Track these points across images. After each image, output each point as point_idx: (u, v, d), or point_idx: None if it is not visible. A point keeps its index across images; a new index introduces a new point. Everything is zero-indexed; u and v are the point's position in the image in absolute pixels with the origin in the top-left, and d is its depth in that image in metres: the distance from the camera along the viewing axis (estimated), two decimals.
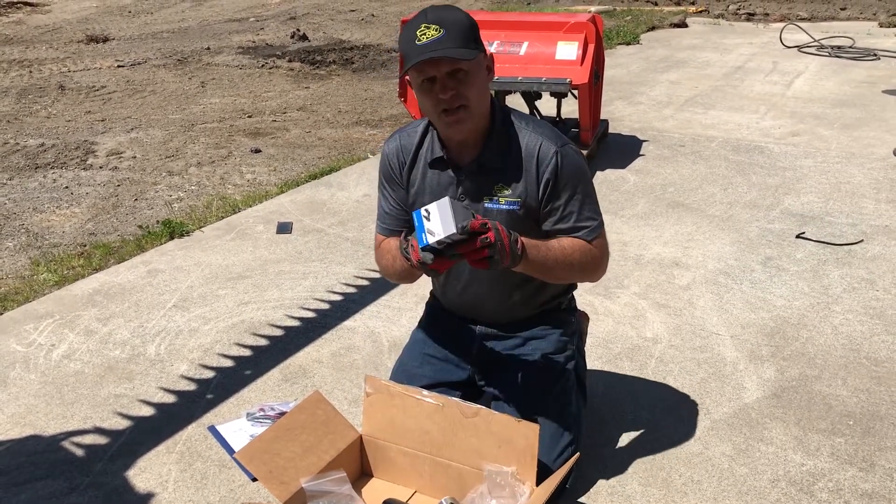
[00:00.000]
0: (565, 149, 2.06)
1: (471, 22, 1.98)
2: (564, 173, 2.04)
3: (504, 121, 2.10)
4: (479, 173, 2.08)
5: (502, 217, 2.07)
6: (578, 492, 2.25)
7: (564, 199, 2.06)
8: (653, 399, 2.69)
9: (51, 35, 9.95)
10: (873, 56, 8.07)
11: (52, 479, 2.34)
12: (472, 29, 1.98)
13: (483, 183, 2.08)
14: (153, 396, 2.74)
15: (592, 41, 4.68)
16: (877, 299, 3.32)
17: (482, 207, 2.09)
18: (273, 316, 3.25)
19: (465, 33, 1.95)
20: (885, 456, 2.40)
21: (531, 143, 2.06)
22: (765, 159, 5.08)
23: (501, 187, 2.07)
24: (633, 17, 10.50)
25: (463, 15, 1.99)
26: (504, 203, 2.07)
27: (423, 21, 1.94)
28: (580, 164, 2.09)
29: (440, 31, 1.91)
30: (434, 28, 1.91)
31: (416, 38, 1.92)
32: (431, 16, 1.94)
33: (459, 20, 1.96)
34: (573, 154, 2.08)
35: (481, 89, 2.01)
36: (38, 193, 4.76)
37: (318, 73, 7.99)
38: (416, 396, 2.16)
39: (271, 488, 2.04)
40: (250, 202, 4.50)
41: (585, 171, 2.11)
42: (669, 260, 3.70)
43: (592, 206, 2.10)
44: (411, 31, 1.94)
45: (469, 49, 1.94)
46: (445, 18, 1.94)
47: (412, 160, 2.16)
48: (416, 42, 1.92)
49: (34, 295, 3.46)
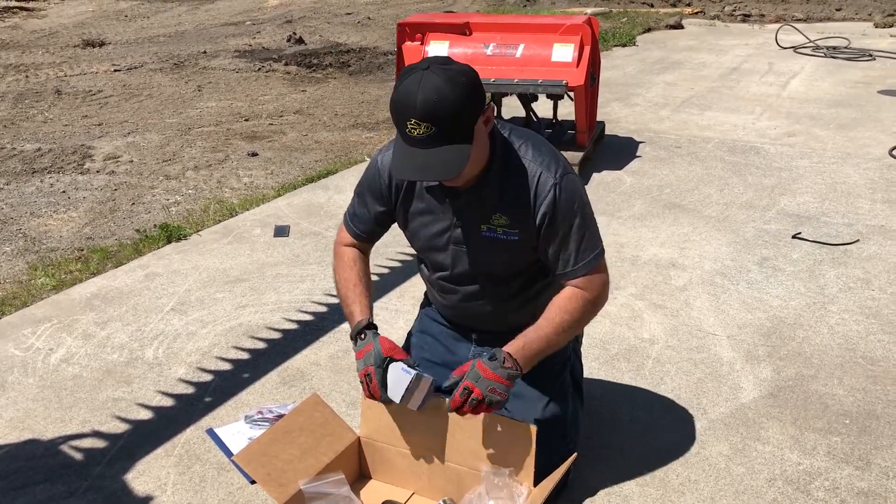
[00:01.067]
0: (565, 179, 1.99)
1: (462, 103, 1.82)
2: (562, 207, 1.98)
3: (504, 150, 2.01)
4: (477, 202, 2.04)
5: (500, 245, 2.06)
6: (576, 492, 2.25)
7: (561, 234, 2.01)
8: (650, 399, 2.69)
9: (47, 40, 9.96)
10: (869, 56, 8.10)
11: (50, 483, 2.34)
12: (464, 113, 1.83)
13: (480, 211, 2.05)
14: (151, 400, 2.74)
15: (588, 43, 4.70)
16: (872, 299, 3.34)
17: (480, 235, 2.07)
18: (271, 319, 3.26)
19: (457, 123, 1.82)
20: (881, 454, 2.41)
21: (530, 172, 1.99)
22: (761, 160, 5.09)
23: (499, 217, 2.03)
24: (629, 18, 10.52)
25: (454, 98, 1.80)
26: (501, 233, 2.04)
27: (412, 114, 1.79)
28: (578, 196, 2.02)
29: (430, 129, 1.79)
30: (424, 126, 1.79)
31: (406, 126, 1.81)
32: (421, 108, 1.78)
33: (451, 111, 1.80)
34: (571, 186, 2.01)
35: (476, 159, 1.92)
36: (35, 198, 4.76)
37: (315, 76, 8.00)
38: None
39: (270, 491, 2.04)
40: (247, 206, 4.50)
41: (584, 203, 2.04)
42: (666, 261, 3.71)
43: (591, 239, 2.04)
44: (401, 115, 1.82)
45: (460, 147, 1.83)
46: (435, 114, 1.78)
47: (409, 183, 2.11)
48: (406, 131, 1.82)
49: (32, 299, 3.46)
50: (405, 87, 1.81)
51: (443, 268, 2.19)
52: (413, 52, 4.90)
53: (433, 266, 2.23)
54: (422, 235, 2.15)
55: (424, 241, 2.16)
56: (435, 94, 1.78)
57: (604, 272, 2.08)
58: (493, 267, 2.13)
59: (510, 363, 1.96)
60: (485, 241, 2.07)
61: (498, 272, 2.14)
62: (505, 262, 2.11)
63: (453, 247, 2.12)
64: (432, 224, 2.11)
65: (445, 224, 2.09)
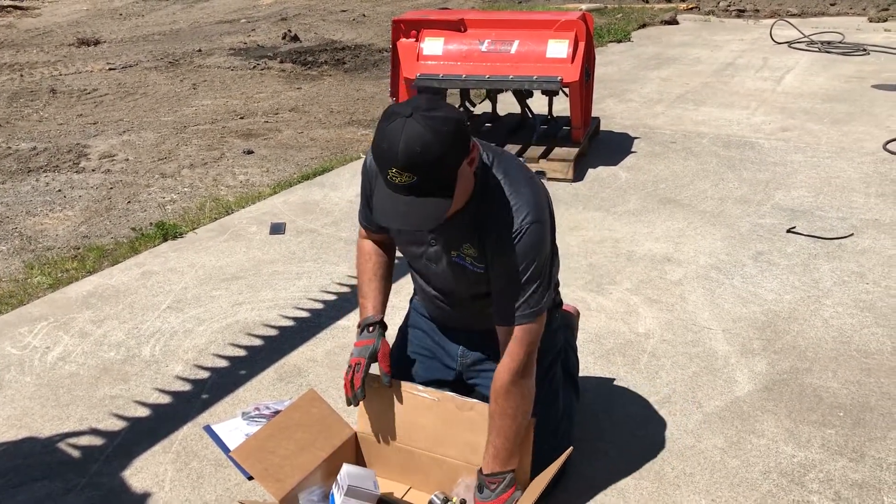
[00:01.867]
0: (529, 228, 1.93)
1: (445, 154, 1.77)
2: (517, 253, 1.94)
3: (484, 186, 1.96)
4: (451, 229, 2.00)
5: (468, 273, 2.05)
6: (572, 486, 2.27)
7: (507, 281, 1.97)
8: (645, 393, 2.71)
9: (41, 38, 9.94)
10: (863, 51, 8.12)
11: (48, 481, 2.35)
12: (446, 165, 1.79)
13: (453, 238, 2.03)
14: (148, 397, 2.75)
15: (583, 39, 4.70)
16: (867, 292, 3.35)
17: (449, 259, 2.06)
18: (267, 316, 3.26)
19: (439, 178, 1.79)
20: (874, 446, 2.42)
21: (503, 213, 1.94)
22: (755, 155, 5.11)
23: (469, 247, 2.02)
24: (623, 14, 10.53)
25: (437, 149, 1.75)
26: (469, 262, 2.04)
27: (394, 163, 1.75)
28: (536, 246, 1.95)
29: (412, 179, 1.76)
30: (406, 176, 1.76)
31: (388, 174, 1.78)
32: (403, 159, 1.74)
33: (433, 163, 1.76)
34: (532, 236, 1.94)
35: (460, 198, 1.89)
36: (30, 197, 4.76)
37: (310, 73, 8.00)
38: (411, 392, 2.18)
39: (267, 486, 2.05)
40: (243, 203, 4.51)
41: (540, 252, 1.97)
42: (661, 256, 3.73)
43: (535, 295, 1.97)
44: (384, 163, 1.79)
45: (441, 200, 1.80)
46: (417, 165, 1.75)
47: None
48: (388, 178, 1.79)
49: (28, 298, 3.46)
50: (388, 135, 1.76)
51: (418, 274, 2.25)
52: (408, 48, 4.90)
53: (412, 268, 2.27)
54: (401, 242, 2.19)
55: (403, 248, 2.20)
56: (418, 145, 1.73)
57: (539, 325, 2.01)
58: (462, 289, 2.15)
59: (496, 481, 2.02)
60: (454, 265, 2.07)
61: (467, 293, 2.15)
62: (472, 286, 2.11)
63: (426, 262, 2.14)
64: (410, 237, 2.13)
65: (421, 239, 2.10)
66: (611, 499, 2.23)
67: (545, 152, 4.81)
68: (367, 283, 2.23)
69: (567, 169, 4.67)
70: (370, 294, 2.22)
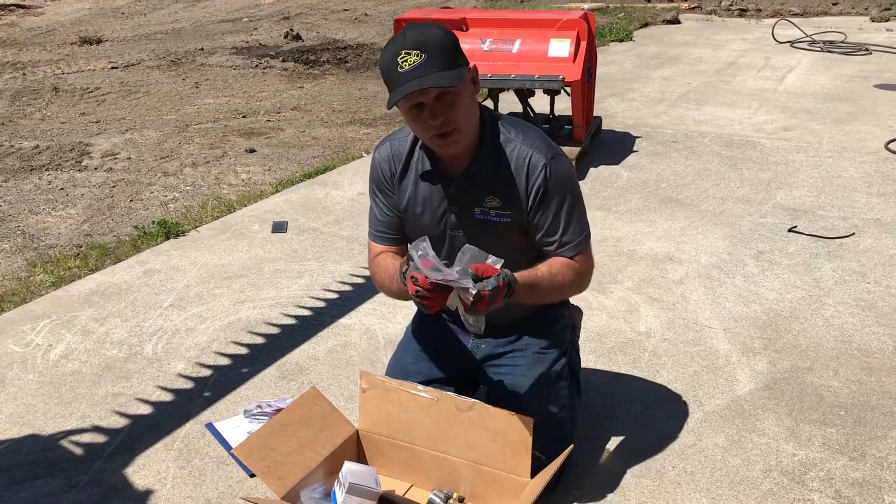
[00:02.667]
0: (555, 160, 2.04)
1: (451, 38, 1.93)
2: (553, 186, 2.03)
3: (494, 131, 2.06)
4: (469, 185, 2.07)
5: (492, 227, 2.08)
6: (573, 484, 2.27)
7: (552, 212, 2.05)
8: (646, 392, 2.71)
9: (44, 37, 9.95)
10: (865, 51, 8.11)
11: (51, 478, 2.36)
12: (453, 46, 1.93)
13: (473, 194, 2.08)
14: (151, 395, 2.76)
15: (584, 38, 4.71)
16: (868, 291, 3.35)
17: (472, 217, 2.09)
18: (269, 314, 3.27)
19: (447, 53, 1.90)
20: (875, 445, 2.43)
21: (521, 154, 2.04)
22: (757, 154, 5.11)
23: (491, 199, 2.06)
24: (625, 14, 10.53)
25: (441, 32, 1.92)
26: (494, 215, 2.07)
27: (401, 46, 1.88)
28: (570, 176, 2.08)
29: (421, 56, 1.86)
30: (415, 53, 1.86)
31: (397, 64, 1.88)
32: (410, 39, 1.88)
33: (439, 40, 1.90)
34: (563, 166, 2.06)
35: (470, 107, 1.98)
36: (33, 195, 4.77)
37: (312, 72, 8.01)
38: (410, 391, 2.19)
39: (269, 483, 2.06)
40: (245, 202, 4.51)
41: (574, 184, 2.10)
42: (663, 255, 3.73)
43: (580, 219, 2.10)
44: (391, 57, 1.89)
45: (454, 70, 1.90)
46: (425, 41, 1.88)
47: (403, 169, 2.15)
48: (398, 70, 1.88)
49: (31, 296, 3.47)
50: (392, 41, 1.93)
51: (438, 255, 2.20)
52: None
53: None
54: (418, 224, 2.17)
55: (421, 229, 2.17)
56: (420, 31, 1.90)
57: (591, 256, 2.15)
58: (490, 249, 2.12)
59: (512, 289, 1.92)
60: (479, 224, 2.10)
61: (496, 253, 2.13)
62: (498, 247, 2.07)
63: (450, 232, 2.14)
64: (428, 212, 2.14)
65: (441, 211, 2.12)
66: (611, 497, 2.24)
67: None
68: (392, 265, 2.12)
69: None
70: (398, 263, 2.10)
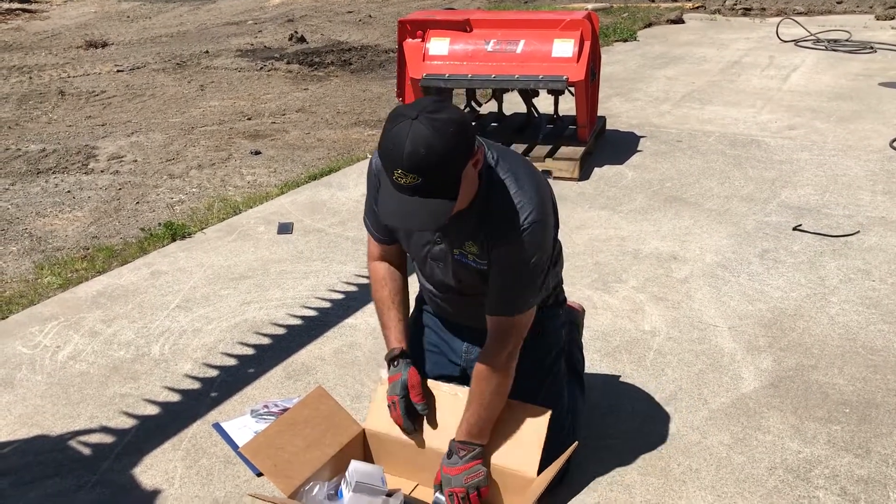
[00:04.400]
0: (532, 227, 1.97)
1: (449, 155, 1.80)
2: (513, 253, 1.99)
3: (489, 185, 1.98)
4: (454, 228, 2.02)
5: (470, 270, 2.08)
6: (578, 481, 2.28)
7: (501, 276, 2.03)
8: (651, 390, 2.72)
9: (50, 41, 9.99)
10: (870, 49, 8.10)
11: (59, 478, 2.38)
12: (450, 166, 1.81)
13: (455, 237, 2.06)
14: (158, 395, 2.77)
15: (588, 38, 4.71)
16: (873, 289, 3.36)
17: (452, 257, 2.09)
18: (275, 315, 3.29)
19: (443, 179, 1.81)
20: (880, 442, 2.43)
21: (507, 211, 1.97)
22: (761, 153, 5.11)
23: (471, 245, 2.05)
24: (629, 13, 10.53)
25: (441, 150, 1.77)
26: (471, 260, 2.07)
27: (399, 165, 1.77)
28: (537, 242, 2.00)
29: (416, 180, 1.78)
30: (411, 177, 1.78)
31: (393, 174, 1.80)
32: (408, 161, 1.76)
33: (437, 165, 1.78)
34: (533, 236, 1.98)
35: (464, 199, 1.91)
36: (40, 198, 4.80)
37: (317, 74, 8.03)
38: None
39: (276, 482, 2.08)
40: (251, 203, 4.53)
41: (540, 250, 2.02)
42: (667, 254, 3.74)
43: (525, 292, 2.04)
44: (389, 164, 1.81)
45: (444, 202, 1.82)
46: (421, 167, 1.77)
47: None
48: (393, 178, 1.81)
49: (39, 298, 3.49)
50: (394, 136, 1.79)
51: (423, 274, 2.26)
52: (414, 49, 4.92)
53: (417, 268, 2.28)
54: (405, 240, 2.20)
55: (407, 247, 2.22)
56: (423, 147, 1.76)
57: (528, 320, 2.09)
58: (466, 288, 2.17)
59: (466, 449, 2.09)
60: (457, 263, 2.10)
61: (472, 290, 2.16)
62: (477, 283, 2.12)
63: (430, 261, 2.16)
64: (414, 236, 2.15)
65: (425, 239, 2.13)
66: (617, 494, 2.25)
67: (551, 151, 4.83)
68: (386, 313, 2.25)
69: (573, 168, 4.68)
70: (390, 325, 2.25)
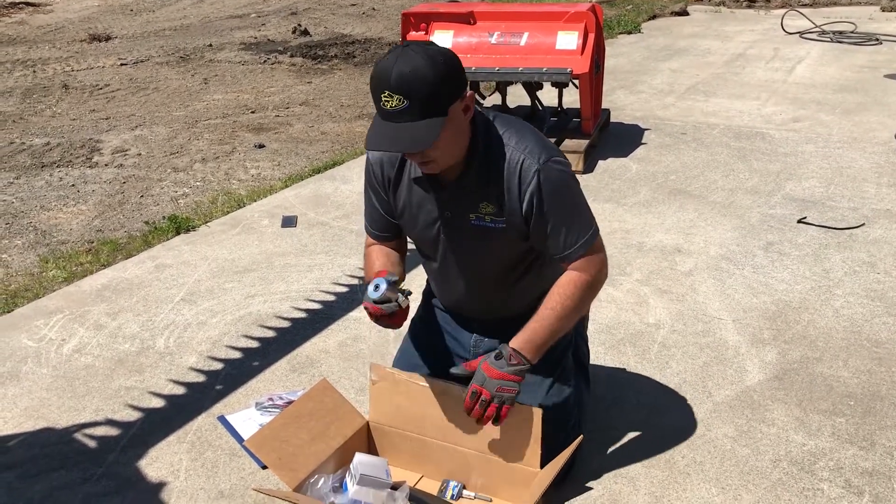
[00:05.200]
0: (547, 165, 1.97)
1: (441, 77, 1.82)
2: (546, 191, 1.97)
3: (487, 139, 2.01)
4: (463, 192, 2.04)
5: (489, 233, 2.05)
6: (583, 474, 2.28)
7: (552, 220, 2.00)
8: (655, 383, 2.72)
9: (53, 35, 9.99)
10: (875, 41, 8.07)
11: (65, 470, 2.39)
12: (441, 87, 1.83)
13: (467, 201, 2.05)
14: (163, 388, 2.78)
15: (592, 30, 4.70)
16: (878, 282, 3.35)
17: (469, 225, 2.07)
18: (280, 308, 3.29)
19: (431, 100, 1.82)
20: (885, 435, 2.43)
21: (513, 159, 1.98)
22: (766, 145, 5.10)
23: (486, 205, 2.03)
24: (633, 6, 10.49)
25: (431, 74, 1.81)
26: (489, 221, 2.05)
27: (386, 84, 1.81)
28: (563, 179, 2.01)
29: (403, 102, 1.80)
30: (397, 98, 1.80)
31: (380, 99, 1.83)
32: (395, 78, 1.80)
33: (427, 84, 1.81)
34: (555, 170, 1.99)
35: (451, 140, 1.92)
36: (44, 192, 4.81)
37: (320, 67, 8.02)
38: (420, 383, 2.20)
39: (281, 475, 2.08)
40: (255, 197, 4.53)
41: (570, 185, 2.03)
42: (671, 246, 3.73)
43: (581, 219, 2.04)
44: (376, 87, 1.84)
45: (433, 120, 1.83)
46: (410, 87, 1.80)
47: (397, 175, 2.12)
48: (380, 104, 1.84)
49: (44, 291, 3.50)
50: (383, 62, 1.84)
51: (435, 259, 2.22)
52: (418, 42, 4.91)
53: (427, 257, 2.26)
54: (413, 226, 2.17)
55: (416, 232, 2.19)
56: (409, 68, 1.80)
57: (600, 252, 2.08)
58: (484, 258, 2.14)
59: (516, 359, 1.99)
60: (474, 230, 2.07)
61: (489, 264, 2.15)
62: (495, 251, 2.11)
63: (444, 238, 2.13)
64: (422, 215, 2.12)
65: (435, 215, 2.10)
66: (621, 487, 2.25)
67: (555, 144, 4.81)
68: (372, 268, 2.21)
69: (577, 160, 4.67)
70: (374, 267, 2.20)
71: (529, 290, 2.21)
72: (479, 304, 2.27)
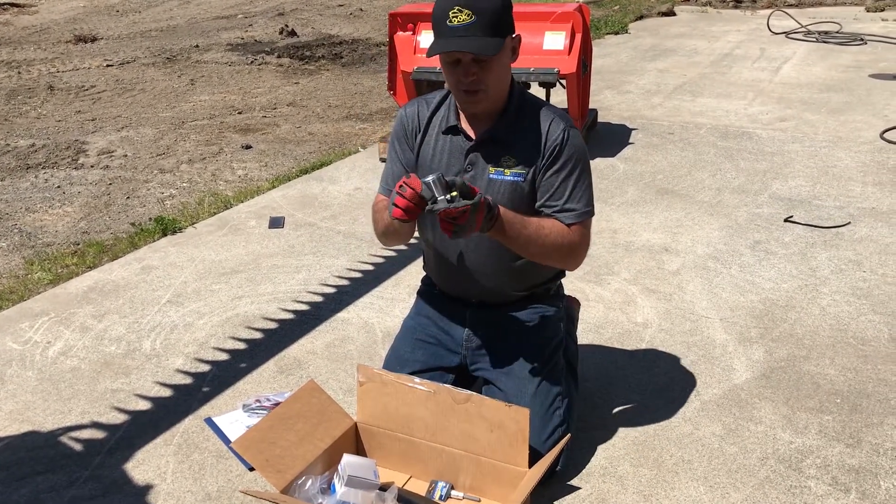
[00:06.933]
0: (574, 130, 2.15)
1: (501, 4, 2.03)
2: (568, 149, 2.12)
3: (520, 99, 2.18)
4: (489, 145, 2.16)
5: (505, 188, 2.14)
6: (571, 473, 2.28)
7: (562, 175, 2.13)
8: (643, 382, 2.72)
9: (39, 36, 9.93)
10: (860, 41, 8.12)
11: (51, 474, 2.37)
12: (503, 13, 2.03)
13: (491, 154, 2.16)
14: (150, 391, 2.76)
15: (580, 31, 4.71)
16: (863, 280, 3.37)
17: (486, 177, 2.15)
18: (267, 309, 3.28)
19: (496, 20, 2.00)
20: (871, 432, 2.44)
21: (544, 118, 2.15)
22: (753, 145, 5.12)
23: (509, 158, 2.15)
24: (620, 6, 10.52)
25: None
26: (509, 174, 2.14)
27: (457, 2, 1.97)
28: (584, 148, 2.18)
29: (471, 17, 1.97)
30: (466, 13, 1.97)
31: (447, 17, 1.98)
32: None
33: (492, 4, 2.00)
34: (579, 137, 2.17)
35: (502, 74, 2.09)
36: (30, 193, 4.77)
37: (308, 68, 8.00)
38: (407, 384, 2.20)
39: (268, 477, 2.07)
40: (242, 198, 4.52)
41: (587, 158, 2.19)
42: (659, 246, 3.74)
43: (586, 192, 2.17)
44: (444, 7, 1.99)
45: (496, 39, 2.00)
46: (478, 4, 1.98)
47: (425, 128, 2.23)
48: (447, 22, 1.99)
49: (29, 294, 3.48)
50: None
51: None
52: (405, 42, 4.91)
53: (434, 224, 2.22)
54: None
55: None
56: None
57: (586, 235, 2.19)
58: None
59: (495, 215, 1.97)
60: (490, 184, 2.14)
61: None
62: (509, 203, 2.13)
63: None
64: (443, 169, 2.16)
65: (456, 169, 2.18)
66: (609, 486, 2.25)
67: None
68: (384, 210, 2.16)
69: None
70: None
71: (527, 273, 2.23)
72: (477, 282, 2.27)
